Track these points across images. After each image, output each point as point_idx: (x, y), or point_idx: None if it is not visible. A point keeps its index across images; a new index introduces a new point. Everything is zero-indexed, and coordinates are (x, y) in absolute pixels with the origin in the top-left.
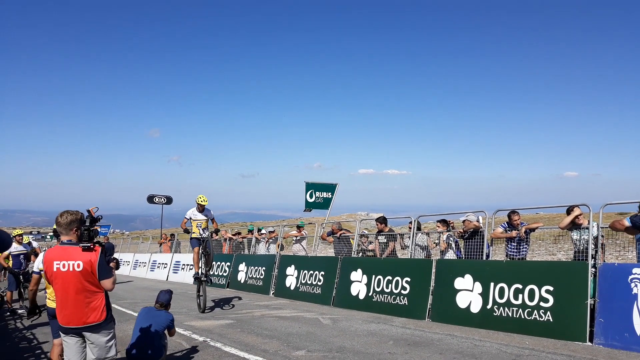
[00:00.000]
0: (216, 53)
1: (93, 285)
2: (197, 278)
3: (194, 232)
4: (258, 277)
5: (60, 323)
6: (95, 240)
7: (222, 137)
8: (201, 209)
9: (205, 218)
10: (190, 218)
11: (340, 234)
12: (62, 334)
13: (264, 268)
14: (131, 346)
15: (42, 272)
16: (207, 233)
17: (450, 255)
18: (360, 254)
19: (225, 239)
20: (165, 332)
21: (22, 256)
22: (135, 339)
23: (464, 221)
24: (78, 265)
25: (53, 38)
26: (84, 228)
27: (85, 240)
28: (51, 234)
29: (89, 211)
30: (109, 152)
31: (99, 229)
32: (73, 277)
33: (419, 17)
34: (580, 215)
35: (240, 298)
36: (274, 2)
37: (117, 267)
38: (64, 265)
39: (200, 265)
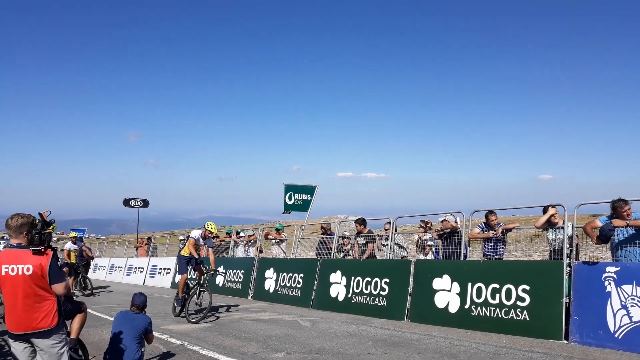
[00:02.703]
0: (194, 57)
1: (43, 290)
2: (181, 306)
3: (183, 250)
4: (236, 280)
5: (8, 329)
6: (47, 245)
7: (199, 141)
8: (207, 236)
9: (204, 245)
10: (198, 241)
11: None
12: (10, 341)
13: (242, 271)
14: (108, 351)
15: None
16: (206, 271)
17: (429, 256)
18: (342, 255)
19: None
20: (142, 336)
21: None
22: (112, 343)
23: (442, 221)
24: (28, 269)
25: (27, 39)
26: (35, 231)
27: (36, 243)
28: None
29: (40, 214)
30: (85, 155)
31: (52, 233)
32: (22, 282)
33: (395, 20)
34: (555, 214)
35: (228, 303)
36: (250, 6)
37: (69, 275)
38: (12, 269)
39: (184, 291)
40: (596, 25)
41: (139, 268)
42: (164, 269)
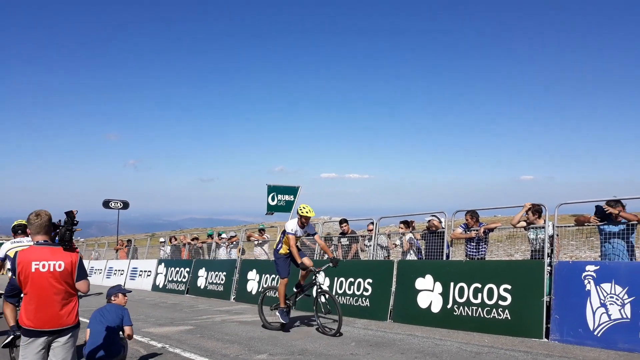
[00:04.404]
0: (175, 56)
1: (70, 287)
2: (283, 316)
3: (282, 248)
4: (218, 282)
5: (32, 327)
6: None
7: (181, 141)
8: (304, 223)
9: (306, 235)
10: (296, 233)
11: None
12: (28, 339)
13: (224, 273)
14: (88, 346)
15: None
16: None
17: (411, 256)
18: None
19: (184, 244)
20: (121, 328)
21: None
22: (91, 338)
23: (429, 221)
24: (59, 266)
25: (9, 37)
26: (66, 228)
27: (66, 240)
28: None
29: (70, 212)
30: (64, 156)
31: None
32: (53, 278)
33: (377, 20)
34: (530, 209)
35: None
36: (232, 5)
37: None
38: (43, 266)
39: (287, 301)
40: (577, 27)
41: (119, 270)
42: (145, 271)
